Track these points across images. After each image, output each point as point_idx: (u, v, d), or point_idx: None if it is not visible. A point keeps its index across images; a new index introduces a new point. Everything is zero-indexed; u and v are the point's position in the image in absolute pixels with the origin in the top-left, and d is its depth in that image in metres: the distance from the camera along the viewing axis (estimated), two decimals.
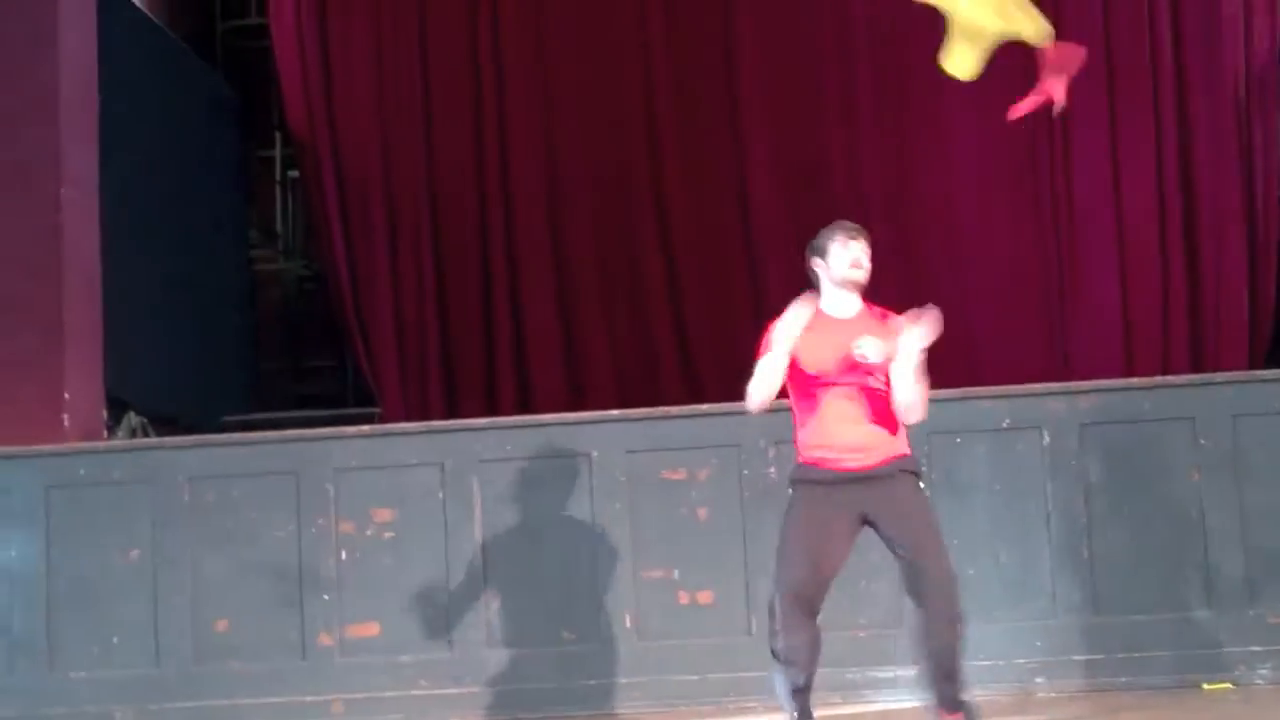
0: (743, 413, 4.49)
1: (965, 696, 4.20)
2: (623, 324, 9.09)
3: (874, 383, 4.25)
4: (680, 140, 9.12)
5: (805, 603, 4.14)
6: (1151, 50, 8.87)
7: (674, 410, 6.26)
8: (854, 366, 4.20)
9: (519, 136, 9.18)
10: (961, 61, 4.35)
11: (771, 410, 4.46)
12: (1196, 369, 8.39)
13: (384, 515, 5.99)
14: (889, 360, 4.19)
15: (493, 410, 8.50)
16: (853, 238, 4.39)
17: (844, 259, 4.37)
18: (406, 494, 6.00)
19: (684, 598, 5.81)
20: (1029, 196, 8.95)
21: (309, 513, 5.99)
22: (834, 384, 4.25)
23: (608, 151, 9.12)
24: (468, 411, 8.34)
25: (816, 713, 4.21)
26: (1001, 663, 5.63)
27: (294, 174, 9.62)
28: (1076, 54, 4.35)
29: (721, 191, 9.12)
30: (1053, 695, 5.56)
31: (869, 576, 5.44)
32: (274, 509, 6.01)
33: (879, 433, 4.27)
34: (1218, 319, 8.73)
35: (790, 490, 4.37)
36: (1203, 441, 5.84)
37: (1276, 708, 4.95)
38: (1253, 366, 8.35)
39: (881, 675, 5.56)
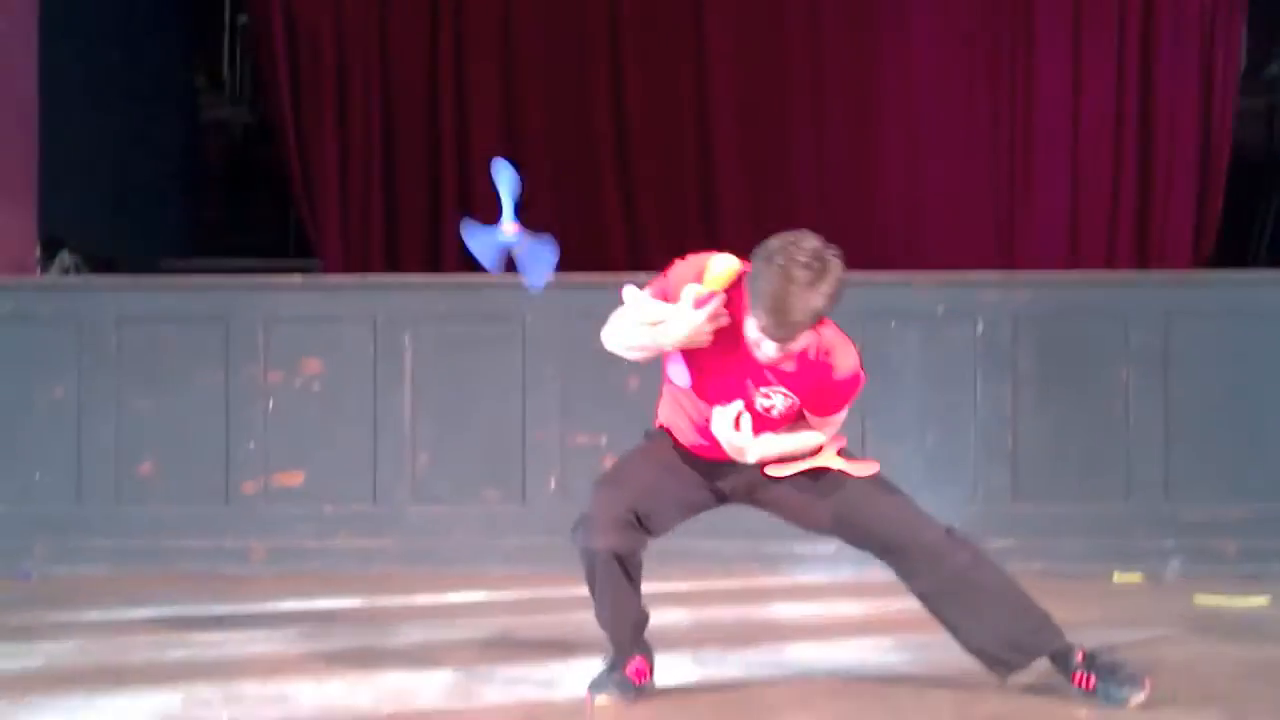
0: None
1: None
2: (570, 190, 8.95)
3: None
4: (641, 7, 8.95)
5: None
6: None
7: (611, 279, 6.15)
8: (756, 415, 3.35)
9: (476, 12, 8.99)
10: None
11: None
12: (1139, 259, 8.41)
13: (313, 366, 5.91)
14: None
15: (433, 270, 8.38)
16: (776, 334, 3.10)
17: (756, 332, 3.15)
18: (338, 347, 5.90)
19: (609, 464, 5.76)
20: (988, 92, 8.88)
21: (238, 360, 5.89)
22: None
23: (564, 8, 8.95)
24: (409, 271, 8.24)
25: (737, 583, 3.96)
26: None
27: (244, 19, 9.33)
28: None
29: (679, 66, 8.97)
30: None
31: None
32: (203, 355, 5.90)
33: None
34: (1164, 224, 8.72)
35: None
36: (1134, 339, 5.83)
37: (1181, 599, 4.99)
38: (1201, 250, 8.40)
39: (799, 550, 5.54)
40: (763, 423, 3.33)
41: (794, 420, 3.39)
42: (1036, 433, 5.82)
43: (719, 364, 3.29)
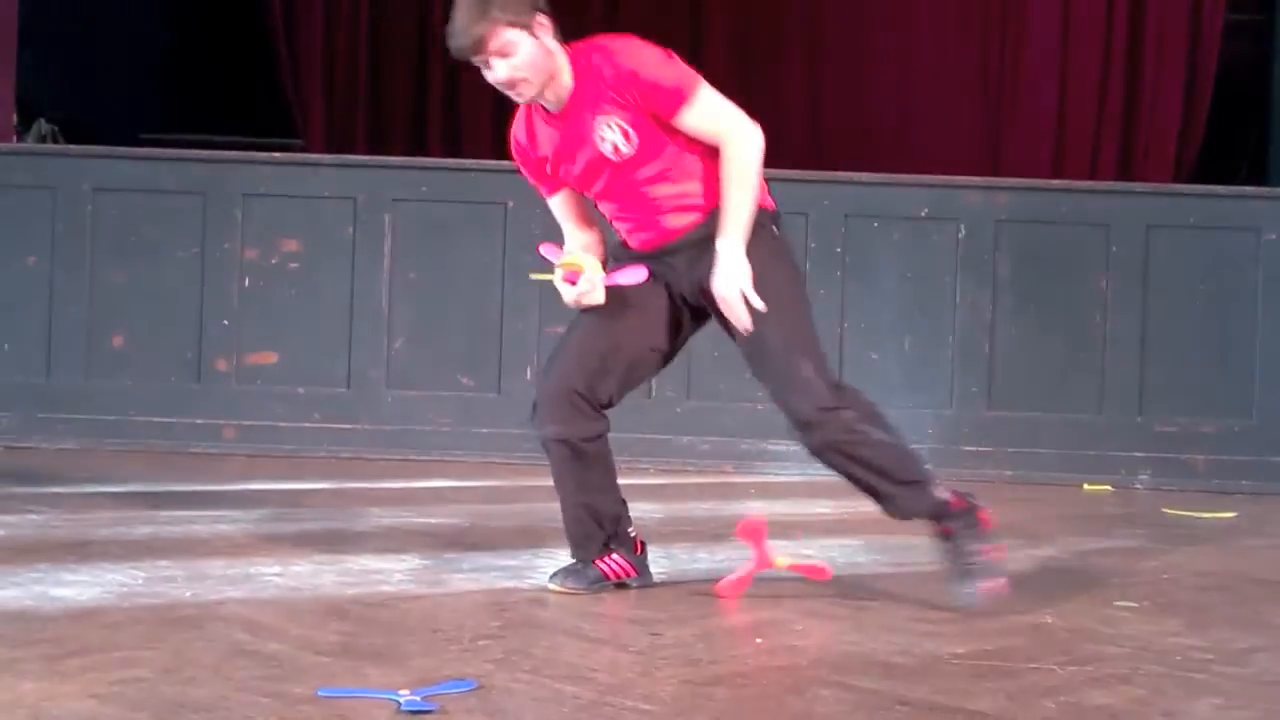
0: None
1: (936, 496, 3.24)
2: None
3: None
4: None
5: None
6: None
7: None
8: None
9: None
10: None
11: None
12: (1123, 173, 8.42)
13: (291, 245, 5.83)
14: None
15: (418, 152, 8.29)
16: (457, 44, 3.06)
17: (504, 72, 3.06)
18: (316, 226, 5.83)
19: None
20: (974, 16, 8.86)
21: (214, 236, 5.82)
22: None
23: None
24: (390, 150, 8.14)
25: (710, 479, 3.85)
26: None
27: None
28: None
29: None
30: (943, 479, 5.54)
31: None
32: (179, 229, 5.82)
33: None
34: (1149, 136, 8.76)
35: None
36: (1115, 248, 5.81)
37: (1149, 510, 4.99)
38: (1184, 166, 8.44)
39: (772, 448, 5.50)
40: (620, 172, 3.12)
41: (659, 161, 3.13)
42: (1013, 340, 5.81)
43: (564, 156, 3.18)
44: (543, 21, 3.05)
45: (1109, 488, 5.58)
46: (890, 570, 3.72)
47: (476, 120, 8.82)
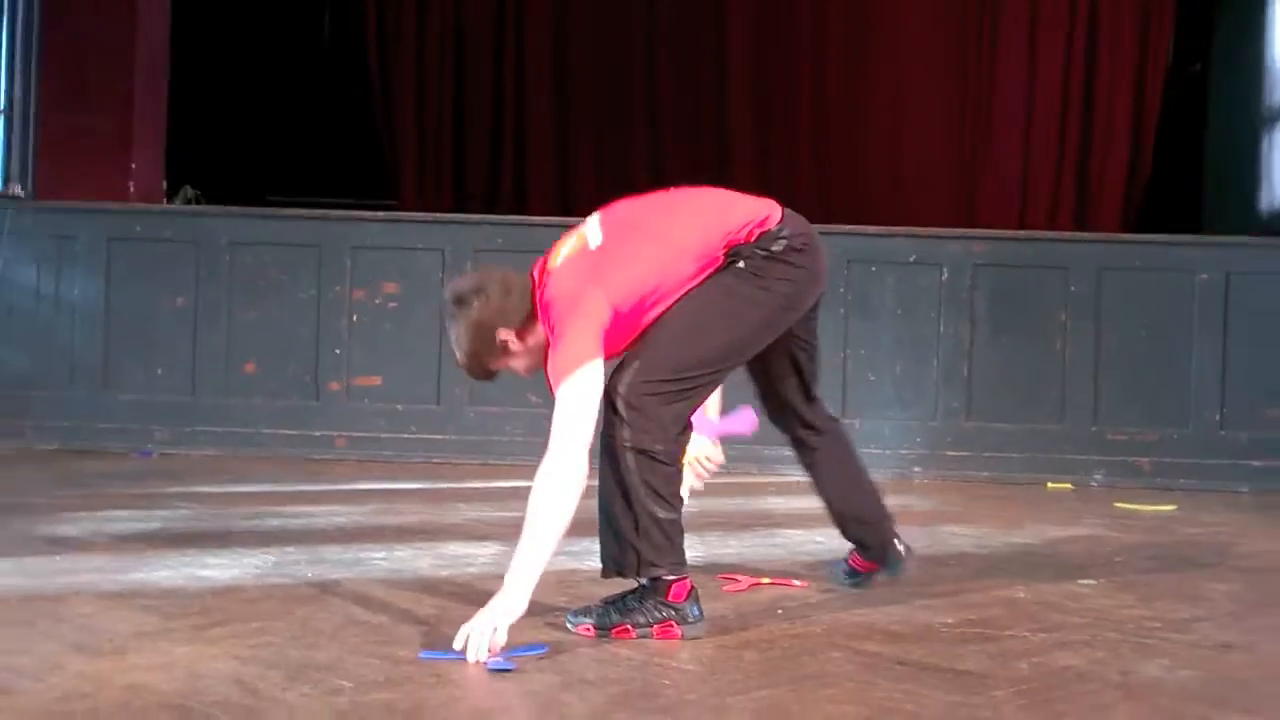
0: None
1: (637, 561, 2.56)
2: (607, 151, 8.92)
3: None
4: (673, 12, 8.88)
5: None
6: None
7: None
8: None
9: None
10: None
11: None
12: (1079, 226, 8.36)
13: (391, 288, 5.84)
14: None
15: (493, 211, 8.34)
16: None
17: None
18: (411, 272, 5.84)
19: None
20: (958, 81, 8.86)
21: (328, 280, 5.84)
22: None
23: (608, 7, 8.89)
24: (470, 209, 8.18)
25: (737, 480, 3.36)
26: (888, 452, 5.61)
27: None
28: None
29: (702, 52, 8.91)
30: (926, 482, 5.54)
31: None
32: (299, 275, 5.85)
33: None
34: (1100, 194, 8.70)
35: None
36: (1073, 288, 5.76)
37: (1103, 504, 4.95)
38: (1125, 226, 8.33)
39: (788, 453, 5.45)
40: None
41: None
42: (987, 364, 5.76)
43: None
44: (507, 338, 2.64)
45: (1069, 486, 5.53)
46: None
47: (541, 183, 8.88)
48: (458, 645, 2.36)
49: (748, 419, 2.98)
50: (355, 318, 5.83)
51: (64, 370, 5.84)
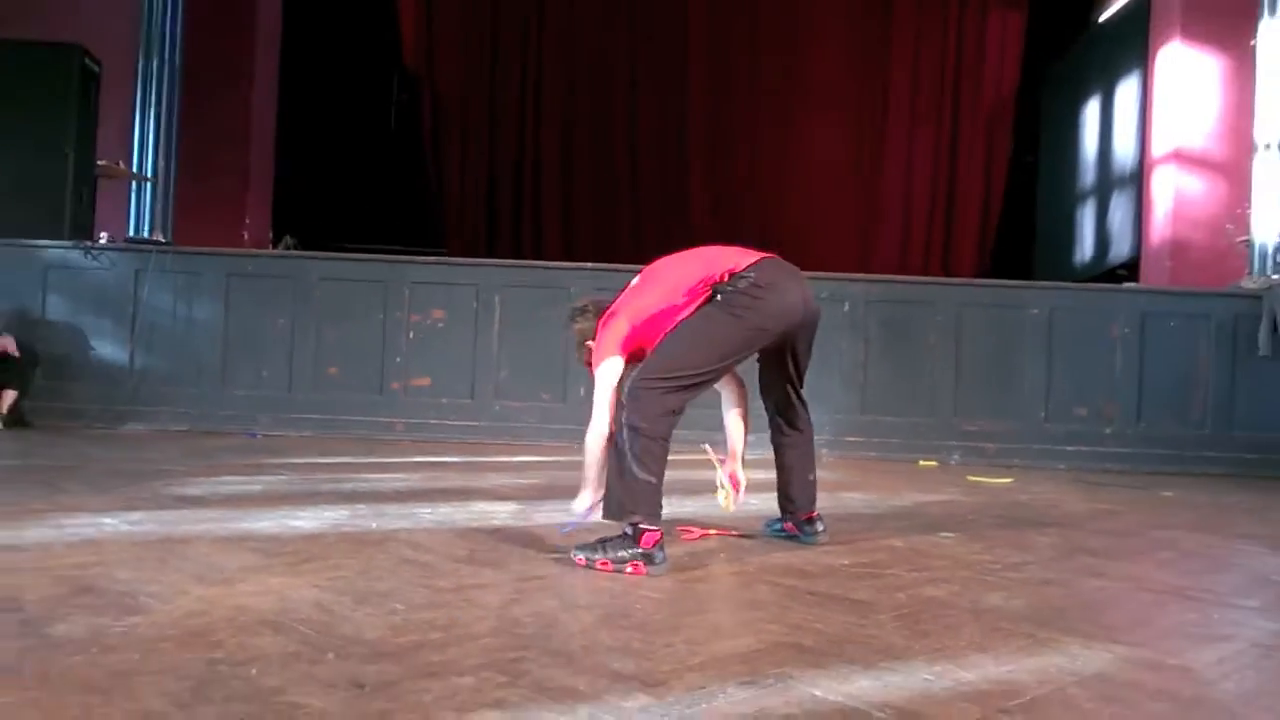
0: None
1: (634, 508, 2.52)
2: (599, 213, 8.95)
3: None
4: (650, 89, 8.91)
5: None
6: (940, 76, 8.76)
7: (624, 268, 6.10)
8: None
9: (549, 95, 8.88)
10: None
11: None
12: (944, 272, 8.41)
13: (439, 314, 5.82)
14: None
15: (515, 257, 8.34)
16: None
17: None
18: (454, 302, 5.82)
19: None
20: (853, 162, 8.91)
21: (391, 308, 5.81)
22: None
23: (596, 85, 8.92)
24: (499, 256, 8.19)
25: (745, 475, 2.95)
26: None
27: (404, 95, 9.13)
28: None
29: (669, 140, 8.94)
30: (833, 460, 5.54)
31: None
32: (370, 302, 5.82)
33: None
34: (959, 250, 8.79)
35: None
36: (939, 319, 5.77)
37: (959, 477, 4.94)
38: (978, 273, 8.39)
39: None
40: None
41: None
42: (877, 374, 5.78)
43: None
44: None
45: (935, 464, 5.55)
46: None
47: (551, 237, 8.90)
48: (576, 509, 2.79)
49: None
50: (411, 335, 5.80)
51: (192, 372, 5.79)
